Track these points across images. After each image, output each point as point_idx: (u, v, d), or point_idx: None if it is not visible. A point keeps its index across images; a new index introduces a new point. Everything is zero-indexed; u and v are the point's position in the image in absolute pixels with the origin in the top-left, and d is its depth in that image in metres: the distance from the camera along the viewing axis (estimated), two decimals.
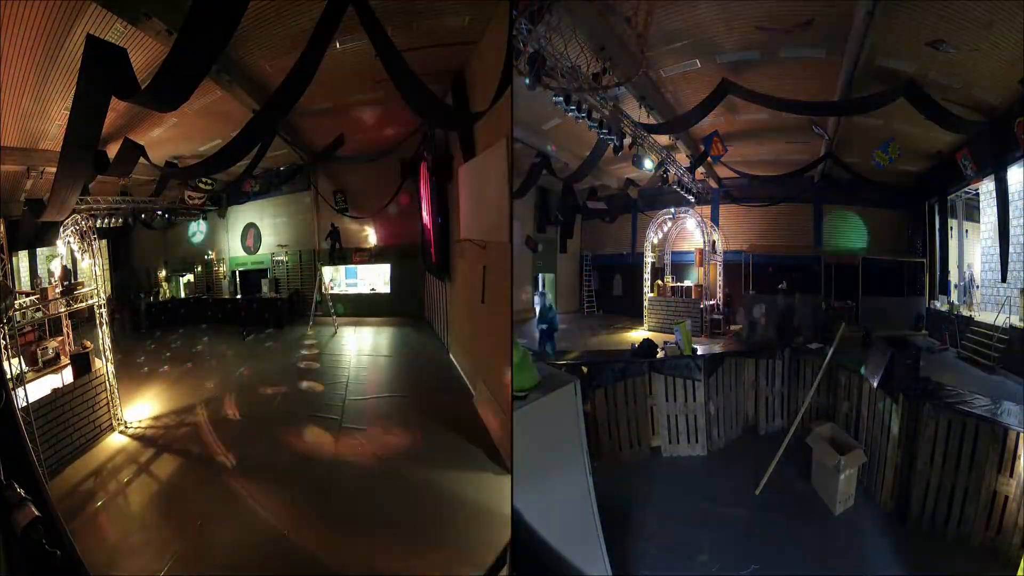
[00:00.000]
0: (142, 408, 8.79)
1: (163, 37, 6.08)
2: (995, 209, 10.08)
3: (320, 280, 14.31)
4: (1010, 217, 9.54)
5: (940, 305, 12.07)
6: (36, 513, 3.21)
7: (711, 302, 13.61)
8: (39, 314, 7.58)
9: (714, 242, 14.09)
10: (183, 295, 15.11)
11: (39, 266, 11.33)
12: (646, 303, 14.41)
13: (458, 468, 6.56)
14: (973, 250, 12.07)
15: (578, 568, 3.78)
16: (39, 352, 7.62)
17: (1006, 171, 9.15)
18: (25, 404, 6.48)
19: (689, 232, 14.51)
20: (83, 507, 6.06)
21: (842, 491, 5.93)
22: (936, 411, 5.53)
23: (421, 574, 4.89)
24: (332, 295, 14.28)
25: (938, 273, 12.35)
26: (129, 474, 6.90)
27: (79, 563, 3.60)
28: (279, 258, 15.34)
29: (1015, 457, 5.04)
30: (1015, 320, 9.26)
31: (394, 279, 14.88)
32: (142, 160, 8.43)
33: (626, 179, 13.64)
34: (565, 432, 3.96)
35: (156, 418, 8.48)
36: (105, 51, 4.53)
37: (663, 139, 11.06)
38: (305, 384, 9.81)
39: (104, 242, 11.81)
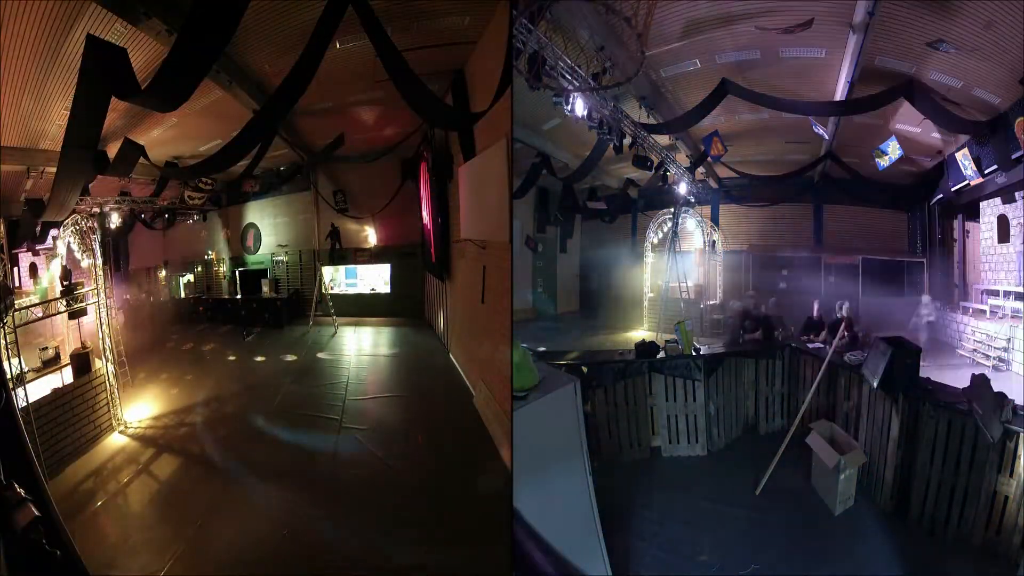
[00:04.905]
0: (142, 408, 8.80)
1: (163, 37, 6.07)
2: (995, 210, 10.10)
3: (320, 280, 14.31)
4: (1010, 218, 9.57)
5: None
6: (36, 513, 3.20)
7: (711, 302, 13.62)
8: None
9: (714, 242, 14.09)
10: (183, 295, 15.11)
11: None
12: (646, 303, 14.41)
13: (458, 468, 6.56)
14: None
15: (578, 568, 3.78)
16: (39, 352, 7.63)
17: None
18: (25, 404, 6.48)
19: (689, 232, 14.51)
20: (83, 507, 6.06)
21: (842, 491, 5.92)
22: (936, 411, 5.53)
23: (421, 574, 4.89)
24: (332, 295, 14.30)
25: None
26: (129, 474, 6.90)
27: (79, 563, 3.60)
28: (279, 258, 15.33)
29: (1015, 457, 5.04)
30: None
31: (394, 279, 14.89)
32: (142, 160, 8.42)
33: (626, 179, 13.63)
34: (565, 432, 3.96)
35: (156, 418, 8.48)
36: (105, 51, 4.52)
37: (663, 139, 11.05)
38: (305, 384, 9.81)
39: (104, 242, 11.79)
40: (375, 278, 15.08)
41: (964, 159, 9.91)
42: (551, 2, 6.07)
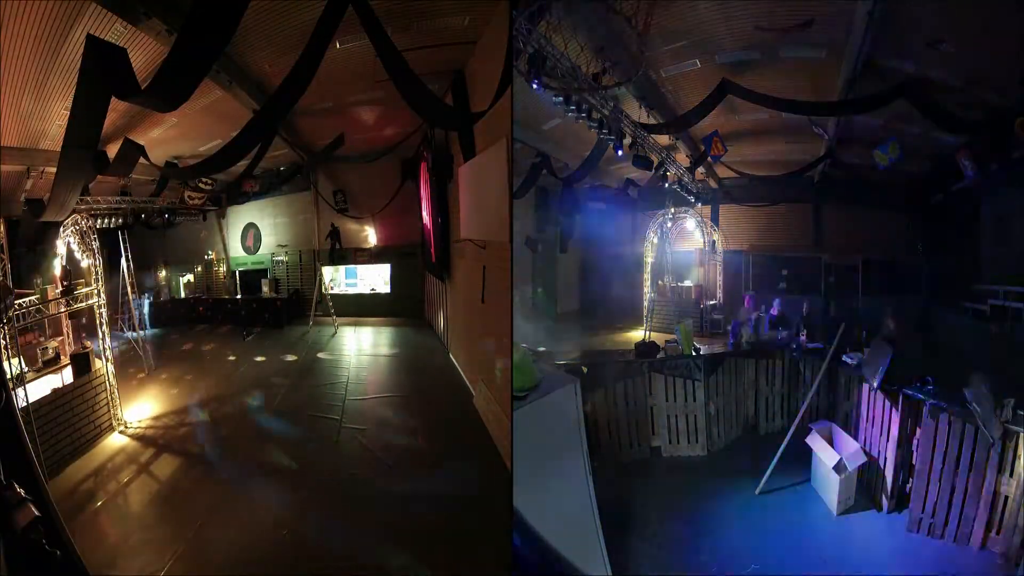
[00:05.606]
0: (142, 408, 8.80)
1: (163, 37, 6.07)
2: (994, 210, 10.09)
3: (320, 280, 14.31)
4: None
5: None
6: (36, 513, 3.21)
7: (711, 302, 13.62)
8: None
9: (714, 242, 14.10)
10: (183, 295, 15.11)
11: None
12: (646, 303, 14.41)
13: (458, 468, 6.56)
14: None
15: (578, 568, 3.78)
16: (39, 352, 7.63)
17: None
18: (25, 404, 6.47)
19: (689, 232, 14.51)
20: (83, 507, 6.06)
21: (842, 491, 5.93)
22: (936, 411, 5.53)
23: (421, 574, 4.88)
24: (332, 295, 14.30)
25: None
26: (129, 474, 6.90)
27: (79, 563, 3.60)
28: (279, 258, 15.34)
29: (1015, 457, 5.04)
30: None
31: (394, 279, 14.89)
32: (142, 160, 8.42)
33: (626, 179, 13.63)
34: (565, 432, 3.95)
35: (156, 418, 8.48)
36: (105, 51, 4.51)
37: (663, 139, 11.05)
38: (305, 384, 9.81)
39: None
40: (375, 278, 15.09)
41: (964, 159, 9.90)
42: (551, 2, 6.06)
